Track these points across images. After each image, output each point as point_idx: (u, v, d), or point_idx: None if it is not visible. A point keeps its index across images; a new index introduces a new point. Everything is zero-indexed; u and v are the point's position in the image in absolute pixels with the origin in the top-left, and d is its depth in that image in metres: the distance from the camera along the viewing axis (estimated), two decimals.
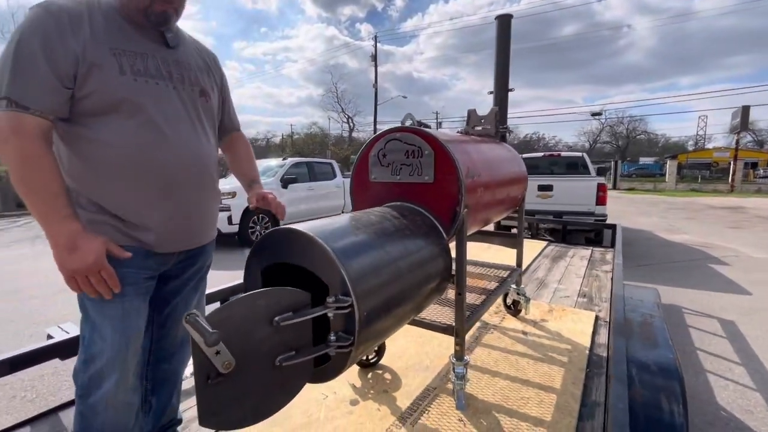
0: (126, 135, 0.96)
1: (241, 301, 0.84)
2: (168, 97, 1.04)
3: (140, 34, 1.02)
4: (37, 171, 0.86)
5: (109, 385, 0.97)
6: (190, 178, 1.07)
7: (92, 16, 0.94)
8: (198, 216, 1.13)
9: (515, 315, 2.41)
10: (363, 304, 0.96)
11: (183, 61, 1.10)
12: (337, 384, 1.70)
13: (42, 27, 0.88)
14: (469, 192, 1.43)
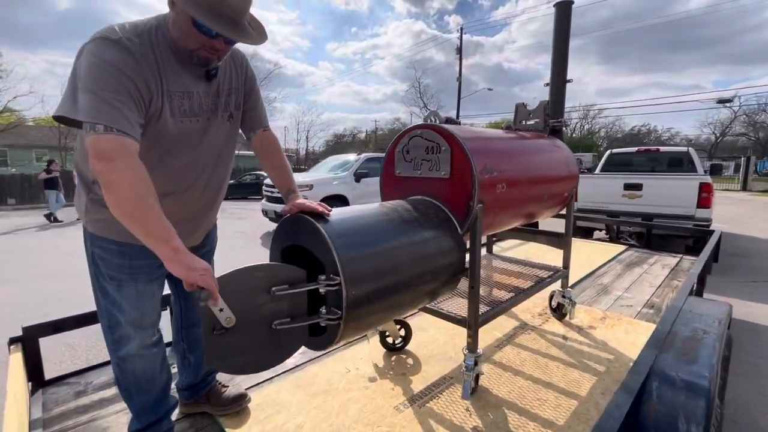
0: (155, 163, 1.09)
1: (243, 270, 1.03)
2: (200, 133, 1.18)
3: (187, 71, 1.12)
4: (146, 197, 0.95)
5: (133, 344, 1.19)
6: (201, 209, 1.27)
7: (157, 55, 1.05)
8: (204, 225, 1.33)
9: (560, 319, 2.30)
10: (352, 284, 1.08)
11: (218, 89, 1.21)
12: (362, 362, 1.84)
13: (130, 59, 0.98)
14: (484, 188, 1.44)
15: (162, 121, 1.08)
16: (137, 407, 1.24)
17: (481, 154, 1.47)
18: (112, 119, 0.94)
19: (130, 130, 0.96)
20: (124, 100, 0.96)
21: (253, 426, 1.41)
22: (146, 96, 1.02)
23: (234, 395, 1.48)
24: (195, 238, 1.33)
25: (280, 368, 1.79)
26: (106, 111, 0.93)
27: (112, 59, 0.96)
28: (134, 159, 0.96)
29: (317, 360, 1.87)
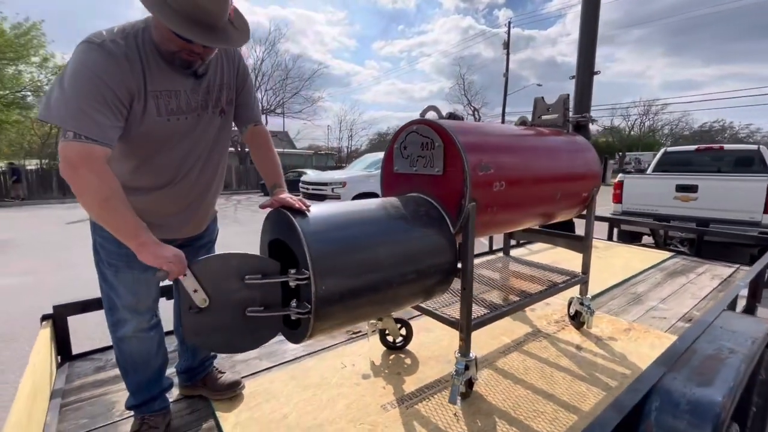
0: (150, 158, 1.18)
1: (218, 257, 1.07)
2: (190, 129, 1.22)
3: (174, 70, 1.14)
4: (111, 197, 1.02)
5: (129, 327, 1.27)
6: (195, 201, 1.31)
7: (143, 59, 1.08)
8: (194, 222, 1.36)
9: (577, 327, 2.15)
10: (322, 279, 1.08)
11: (209, 86, 1.24)
12: (359, 359, 1.84)
13: (110, 65, 1.01)
14: (478, 185, 1.38)
15: (148, 120, 1.12)
16: (133, 385, 1.33)
17: (476, 150, 1.41)
18: (81, 126, 0.98)
19: (99, 137, 1.00)
20: (98, 106, 1.00)
21: (242, 411, 1.46)
22: (125, 99, 1.06)
23: (229, 382, 1.55)
24: (192, 228, 1.39)
25: (278, 359, 1.85)
26: (76, 118, 0.98)
27: (92, 64, 1.00)
28: (98, 165, 1.00)
29: (315, 354, 1.90)
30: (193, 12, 1.00)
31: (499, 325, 2.16)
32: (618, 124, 37.37)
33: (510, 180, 1.50)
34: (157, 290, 1.35)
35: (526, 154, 1.62)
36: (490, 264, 2.38)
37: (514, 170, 1.53)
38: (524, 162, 1.60)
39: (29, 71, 16.68)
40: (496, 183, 1.45)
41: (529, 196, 1.62)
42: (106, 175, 1.02)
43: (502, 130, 1.69)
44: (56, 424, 1.41)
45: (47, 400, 1.50)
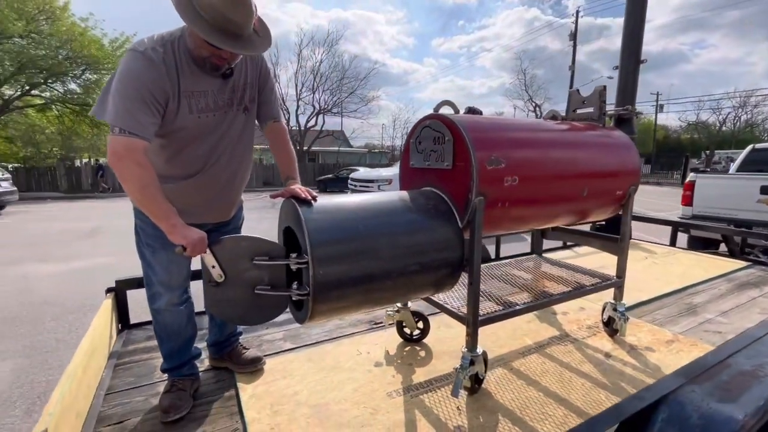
0: (182, 152, 1.35)
1: (231, 238, 1.21)
2: (217, 126, 1.38)
3: (204, 72, 1.30)
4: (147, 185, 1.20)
5: (163, 301, 1.45)
6: (222, 190, 1.45)
7: (178, 63, 1.24)
8: (220, 209, 1.51)
9: (611, 335, 2.01)
10: (320, 264, 1.15)
11: (234, 85, 1.38)
12: (375, 347, 1.90)
13: (147, 78, 1.18)
14: (486, 180, 1.37)
15: (181, 117, 1.29)
16: (166, 351, 1.52)
17: (486, 144, 1.39)
18: (125, 123, 1.16)
19: (140, 132, 1.17)
20: (139, 106, 1.17)
21: (260, 385, 1.59)
22: (162, 99, 1.22)
23: (251, 357, 1.70)
24: (217, 215, 1.54)
25: (300, 342, 1.97)
26: (122, 116, 1.16)
27: (135, 70, 1.18)
28: (139, 156, 1.17)
29: (335, 340, 1.99)
30: (223, 23, 1.16)
31: (521, 326, 2.11)
32: (706, 119, 33.26)
33: (524, 175, 1.46)
34: (188, 270, 1.52)
35: (544, 149, 1.56)
36: (519, 263, 2.30)
37: (530, 165, 1.49)
38: (542, 157, 1.54)
39: None
40: (508, 178, 1.42)
41: (547, 193, 1.56)
42: (145, 165, 1.20)
43: (522, 124, 1.64)
44: (109, 379, 1.65)
45: (104, 359, 1.75)
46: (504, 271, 2.14)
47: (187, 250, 1.21)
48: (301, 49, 23.50)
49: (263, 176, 21.14)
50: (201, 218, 1.45)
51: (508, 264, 2.29)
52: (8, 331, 3.47)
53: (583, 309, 2.37)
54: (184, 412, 1.41)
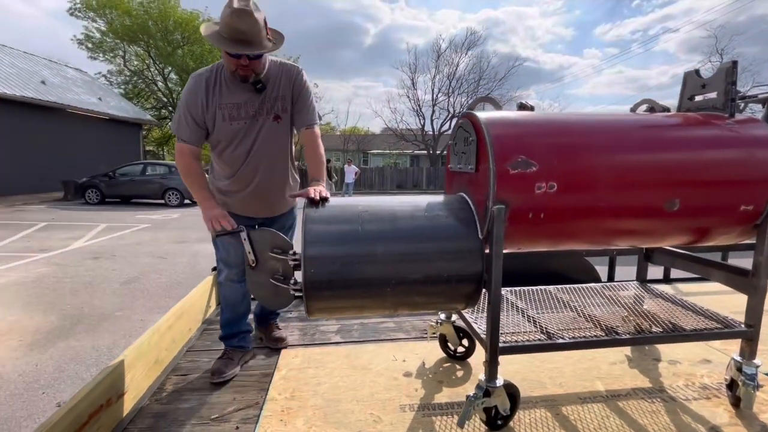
0: (225, 156, 1.65)
1: (261, 230, 1.41)
2: (251, 132, 1.61)
3: (239, 88, 1.57)
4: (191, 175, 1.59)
5: (223, 275, 1.74)
6: (260, 185, 1.67)
7: (216, 81, 1.56)
8: (263, 204, 1.72)
9: (733, 404, 1.46)
10: (311, 263, 1.19)
11: (265, 98, 1.60)
12: (413, 356, 1.83)
13: (191, 97, 1.55)
14: (509, 185, 1.18)
15: (218, 125, 1.59)
16: (223, 320, 1.80)
17: (511, 144, 1.20)
18: (179, 132, 1.59)
19: (186, 138, 1.57)
20: (187, 118, 1.55)
21: (293, 370, 1.73)
22: (201, 110, 1.56)
23: (275, 337, 1.94)
24: (262, 211, 1.75)
25: (347, 337, 2.05)
26: (177, 127, 1.59)
27: (186, 90, 1.58)
28: (186, 157, 1.58)
29: (378, 342, 2.00)
30: (234, 34, 1.43)
31: (601, 366, 1.73)
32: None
33: (567, 182, 1.20)
34: (243, 252, 1.78)
35: (603, 151, 1.24)
36: (609, 289, 1.88)
37: (576, 170, 1.21)
38: (596, 160, 1.23)
39: None
40: (541, 184, 1.19)
41: (606, 205, 1.24)
42: (190, 164, 1.60)
43: (577, 121, 1.33)
44: (195, 340, 2.04)
45: (196, 323, 2.17)
46: (579, 296, 1.78)
47: (209, 223, 1.53)
48: (439, 54, 23.84)
49: (397, 179, 22.31)
50: (245, 212, 1.70)
51: (593, 289, 1.90)
52: (174, 293, 4.58)
53: (708, 362, 1.78)
54: (227, 378, 1.65)
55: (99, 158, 15.32)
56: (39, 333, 3.11)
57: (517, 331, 1.44)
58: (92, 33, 21.24)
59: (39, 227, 7.75)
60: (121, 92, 22.51)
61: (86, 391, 1.25)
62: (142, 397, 1.54)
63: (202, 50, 18.19)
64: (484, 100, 1.45)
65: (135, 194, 12.44)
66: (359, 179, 19.04)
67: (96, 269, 4.95)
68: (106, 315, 3.49)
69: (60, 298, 3.91)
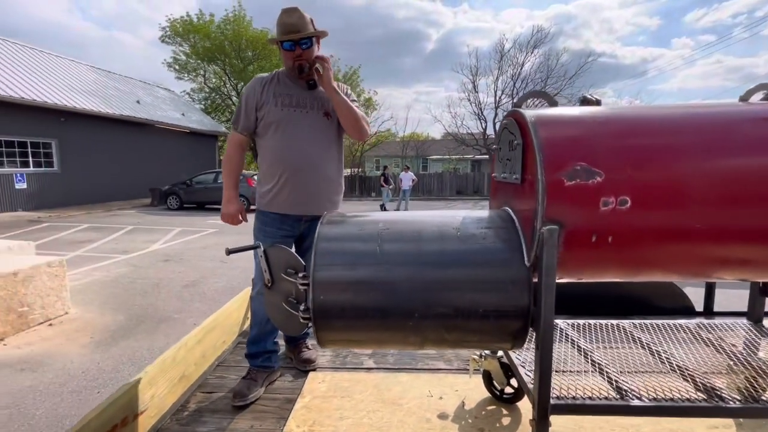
0: (273, 141, 1.67)
1: (276, 248, 1.25)
2: (300, 119, 1.66)
3: (294, 83, 1.68)
4: (230, 163, 1.75)
5: (255, 289, 1.72)
6: (304, 170, 1.65)
7: (273, 78, 1.69)
8: (307, 195, 1.67)
9: None
10: (320, 288, 1.04)
11: (316, 96, 1.69)
12: (452, 393, 1.60)
13: (250, 88, 1.69)
14: (566, 200, 0.92)
15: (269, 108, 1.65)
16: (250, 338, 1.72)
17: (566, 148, 0.94)
18: (234, 123, 1.73)
19: (240, 126, 1.70)
20: (244, 109, 1.68)
21: (317, 398, 1.59)
22: (256, 100, 1.66)
23: (304, 358, 1.83)
24: (305, 208, 1.69)
25: (381, 363, 1.86)
26: (234, 119, 1.73)
27: (247, 86, 1.71)
28: (233, 147, 1.74)
29: (414, 371, 1.79)
30: (284, 28, 1.60)
31: (692, 429, 1.34)
32: None
33: (645, 195, 0.91)
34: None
35: (701, 152, 0.92)
36: (709, 328, 1.48)
37: (660, 179, 0.91)
38: (691, 165, 0.91)
39: None
40: (608, 199, 0.91)
41: (701, 225, 0.91)
42: (234, 153, 1.75)
43: (659, 114, 1.02)
44: (228, 353, 1.99)
45: (227, 335, 2.13)
46: (664, 336, 1.41)
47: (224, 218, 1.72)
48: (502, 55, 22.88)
49: (456, 185, 21.71)
50: (289, 207, 1.68)
51: (683, 325, 1.51)
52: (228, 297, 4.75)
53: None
54: (248, 401, 1.56)
55: (180, 167, 16.94)
56: (107, 331, 3.36)
57: (576, 379, 1.15)
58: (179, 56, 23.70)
59: (126, 230, 8.67)
60: (201, 107, 24.81)
61: (98, 411, 1.22)
62: (163, 416, 1.50)
63: (271, 65, 19.40)
64: (536, 96, 1.20)
65: (208, 200, 13.48)
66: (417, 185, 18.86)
67: (164, 271, 5.33)
68: (165, 317, 3.69)
69: (131, 298, 4.24)
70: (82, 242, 7.28)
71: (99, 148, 13.75)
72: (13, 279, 3.20)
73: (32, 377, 2.60)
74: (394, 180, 14.53)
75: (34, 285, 3.39)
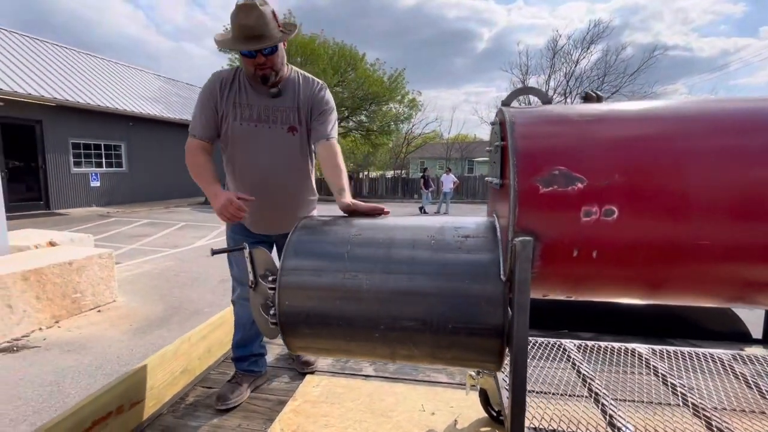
0: (234, 156, 1.54)
1: (258, 250, 1.20)
2: (261, 135, 1.50)
3: (254, 91, 1.49)
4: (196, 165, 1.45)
5: (236, 293, 1.67)
6: (268, 191, 1.53)
7: (234, 79, 1.49)
8: (273, 215, 1.57)
9: None
10: (285, 294, 1.01)
11: (279, 106, 1.51)
12: (447, 409, 1.51)
13: (207, 92, 1.48)
14: (541, 209, 0.82)
15: (229, 122, 1.50)
16: (235, 341, 1.71)
17: (548, 148, 0.84)
18: (191, 129, 1.51)
19: (198, 133, 1.49)
20: (201, 111, 1.48)
21: (308, 402, 1.57)
22: (215, 104, 1.48)
23: (303, 360, 1.83)
24: (270, 226, 1.62)
25: (380, 371, 1.81)
26: (191, 122, 1.52)
27: (204, 86, 1.50)
28: (191, 150, 1.47)
29: (411, 382, 1.72)
30: (244, 32, 1.34)
31: None
32: None
33: (636, 204, 0.78)
34: None
35: (714, 156, 0.78)
36: (757, 362, 1.27)
37: (655, 186, 0.78)
38: (698, 170, 0.77)
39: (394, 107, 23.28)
40: (591, 207, 0.80)
41: (710, 241, 0.77)
42: (195, 155, 1.47)
43: (663, 110, 0.87)
44: None
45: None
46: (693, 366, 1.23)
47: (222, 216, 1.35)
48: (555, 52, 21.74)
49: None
50: (257, 227, 1.60)
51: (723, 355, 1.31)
52: None
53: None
54: (231, 405, 1.56)
55: None
56: (146, 320, 3.61)
57: (564, 408, 1.03)
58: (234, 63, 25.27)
59: (178, 226, 9.33)
60: None
61: (93, 397, 1.29)
62: (161, 407, 1.56)
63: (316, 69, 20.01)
64: (527, 92, 1.09)
65: None
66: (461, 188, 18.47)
67: (204, 266, 5.65)
68: (197, 310, 3.89)
69: (172, 290, 4.53)
70: (139, 236, 7.94)
71: (161, 150, 14.94)
72: (68, 268, 3.55)
73: (75, 358, 2.85)
74: (435, 182, 14.35)
75: (87, 274, 3.73)
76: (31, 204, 11.03)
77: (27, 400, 2.27)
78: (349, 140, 25.24)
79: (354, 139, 24.57)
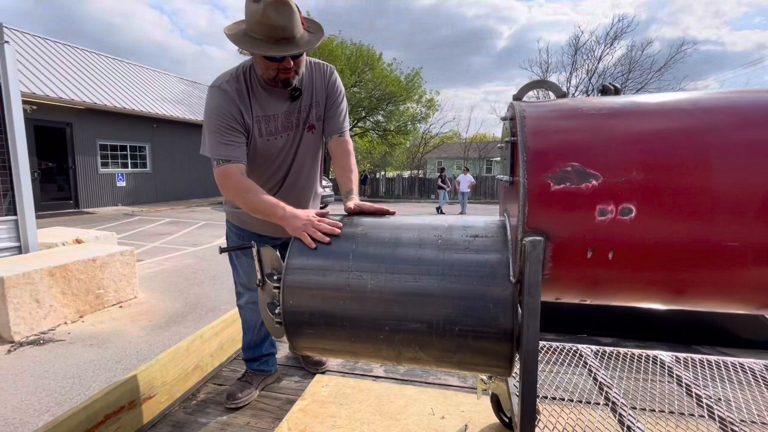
0: (253, 164, 1.41)
1: (266, 249, 1.18)
2: (284, 143, 1.42)
3: (273, 97, 1.35)
4: (245, 191, 1.27)
5: (243, 299, 1.62)
6: (290, 194, 1.47)
7: (249, 91, 1.32)
8: None
9: None
10: (290, 293, 1.00)
11: (300, 106, 1.40)
12: (457, 414, 1.47)
13: (226, 111, 1.27)
14: (552, 207, 0.78)
15: (253, 140, 1.38)
16: (245, 343, 1.71)
17: (561, 143, 0.79)
18: (220, 154, 1.29)
19: (231, 157, 1.28)
20: (226, 136, 1.28)
21: (316, 402, 1.56)
22: (240, 121, 1.32)
23: (314, 360, 1.81)
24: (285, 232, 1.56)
25: (391, 373, 1.79)
26: (216, 148, 1.29)
27: (213, 105, 1.30)
28: (233, 177, 1.27)
29: (422, 384, 1.68)
30: (273, 33, 1.17)
31: None
32: None
33: (656, 202, 0.73)
34: None
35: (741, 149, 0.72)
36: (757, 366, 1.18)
37: (678, 183, 0.73)
38: (723, 166, 0.72)
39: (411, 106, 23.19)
40: (606, 206, 0.75)
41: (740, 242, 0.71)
42: (240, 182, 1.29)
43: (685, 102, 0.81)
44: None
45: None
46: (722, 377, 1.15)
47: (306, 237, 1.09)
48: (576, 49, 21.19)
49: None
50: (266, 230, 1.53)
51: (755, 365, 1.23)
52: None
53: None
54: (240, 404, 1.56)
55: None
56: (164, 316, 3.69)
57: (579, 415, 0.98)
58: None
59: (199, 225, 9.54)
60: None
61: (106, 391, 1.31)
62: (173, 403, 1.58)
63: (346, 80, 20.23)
64: (540, 86, 1.04)
65: None
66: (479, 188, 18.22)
67: (223, 264, 5.75)
68: (214, 307, 3.96)
69: (190, 287, 4.63)
70: (162, 234, 8.17)
71: (183, 151, 15.33)
72: (92, 264, 3.66)
73: (96, 352, 2.94)
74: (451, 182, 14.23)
75: (109, 270, 3.84)
76: (62, 203, 11.51)
77: (51, 392, 2.35)
78: (366, 140, 25.30)
79: (371, 139, 24.60)
